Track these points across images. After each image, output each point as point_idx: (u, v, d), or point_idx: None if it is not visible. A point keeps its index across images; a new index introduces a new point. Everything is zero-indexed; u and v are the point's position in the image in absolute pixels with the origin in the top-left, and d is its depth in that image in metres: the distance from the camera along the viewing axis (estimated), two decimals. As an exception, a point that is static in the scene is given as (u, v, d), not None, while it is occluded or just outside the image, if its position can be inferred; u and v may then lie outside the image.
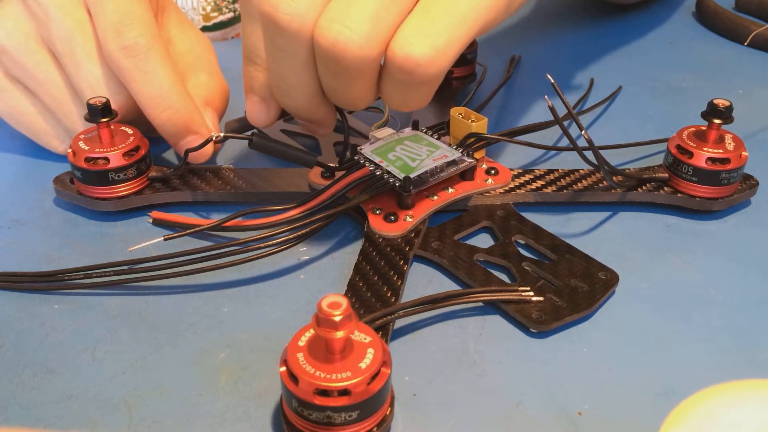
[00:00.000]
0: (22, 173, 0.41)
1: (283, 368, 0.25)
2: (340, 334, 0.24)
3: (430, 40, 0.30)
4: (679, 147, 0.38)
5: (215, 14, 0.55)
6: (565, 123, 0.39)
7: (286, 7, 0.30)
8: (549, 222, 0.37)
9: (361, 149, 0.37)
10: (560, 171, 0.39)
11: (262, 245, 0.34)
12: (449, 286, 0.34)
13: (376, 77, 0.32)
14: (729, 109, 0.36)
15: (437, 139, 0.39)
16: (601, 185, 0.38)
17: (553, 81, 0.33)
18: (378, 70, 0.31)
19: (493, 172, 0.38)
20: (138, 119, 0.39)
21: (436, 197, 0.36)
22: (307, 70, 0.32)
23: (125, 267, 0.33)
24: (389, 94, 0.32)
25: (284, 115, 0.38)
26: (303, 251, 0.35)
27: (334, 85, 0.32)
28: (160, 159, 0.42)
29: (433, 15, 0.30)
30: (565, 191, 0.38)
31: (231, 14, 0.56)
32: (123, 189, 0.37)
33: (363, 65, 0.30)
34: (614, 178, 0.38)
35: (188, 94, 0.37)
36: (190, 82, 0.40)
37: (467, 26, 0.31)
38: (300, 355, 0.25)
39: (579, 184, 0.38)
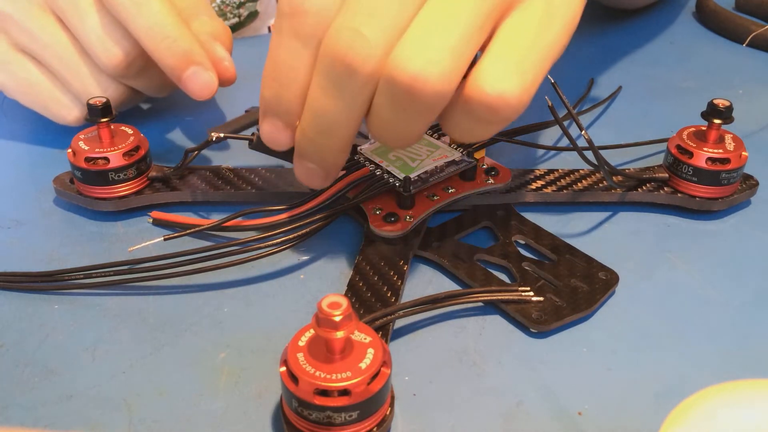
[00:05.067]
0: (22, 173, 0.41)
1: (283, 368, 0.25)
2: (340, 334, 0.24)
3: (521, 78, 0.28)
4: (679, 147, 0.38)
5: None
6: (565, 123, 0.39)
7: (362, 49, 0.28)
8: (549, 222, 0.37)
9: (361, 149, 0.37)
10: (560, 171, 0.39)
11: (262, 245, 0.34)
12: (449, 286, 0.34)
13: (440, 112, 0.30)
14: (729, 109, 0.36)
15: (437, 139, 0.39)
16: (601, 185, 0.38)
17: (553, 81, 0.33)
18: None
19: (493, 172, 0.38)
20: (145, 71, 0.40)
21: (436, 197, 0.36)
22: (360, 110, 0.30)
23: (125, 267, 0.33)
24: (459, 129, 0.30)
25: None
26: (303, 251, 0.35)
27: (395, 122, 0.29)
28: (160, 159, 0.42)
29: (519, 51, 0.28)
30: (565, 191, 0.38)
31: (236, 20, 0.55)
32: (123, 189, 0.37)
33: (438, 101, 0.28)
34: (614, 178, 0.38)
35: (185, 25, 0.38)
36: (193, 23, 0.40)
37: (549, 62, 0.29)
38: (300, 355, 0.25)
39: (579, 184, 0.38)
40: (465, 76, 0.28)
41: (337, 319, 0.24)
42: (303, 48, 0.30)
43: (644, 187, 0.38)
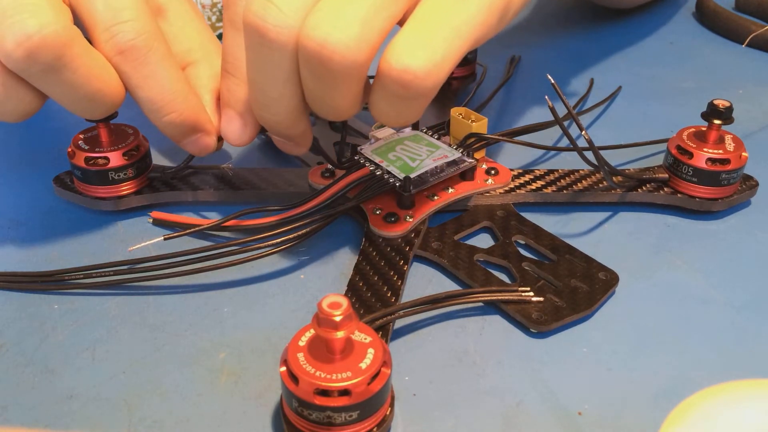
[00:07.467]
0: (22, 173, 0.41)
1: (283, 368, 0.25)
2: (340, 334, 0.24)
3: (428, 53, 0.28)
4: (679, 147, 0.38)
5: (221, 24, 0.55)
6: (565, 123, 0.39)
7: (274, 18, 0.28)
8: (549, 222, 0.37)
9: (361, 149, 0.37)
10: (560, 171, 0.39)
11: (262, 245, 0.34)
12: (449, 286, 0.34)
13: (363, 84, 0.30)
14: (729, 109, 0.36)
15: (437, 139, 0.39)
16: (601, 185, 0.38)
17: (553, 81, 0.33)
18: (365, 77, 0.30)
19: (493, 172, 0.38)
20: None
21: (436, 197, 0.36)
22: (290, 82, 0.30)
23: (125, 267, 0.33)
24: (381, 109, 0.30)
25: (262, 131, 0.37)
26: (303, 251, 0.35)
27: (318, 92, 0.30)
28: (160, 159, 0.42)
29: (430, 27, 0.29)
30: (565, 191, 0.38)
31: None
32: (123, 189, 0.37)
33: (351, 69, 0.28)
34: (614, 178, 0.38)
35: (193, 92, 0.35)
36: (190, 70, 0.37)
37: (463, 39, 0.30)
38: (300, 355, 0.25)
39: (579, 185, 0.38)
40: None
41: (337, 319, 0.24)
42: (239, 35, 0.32)
43: (644, 188, 0.38)
